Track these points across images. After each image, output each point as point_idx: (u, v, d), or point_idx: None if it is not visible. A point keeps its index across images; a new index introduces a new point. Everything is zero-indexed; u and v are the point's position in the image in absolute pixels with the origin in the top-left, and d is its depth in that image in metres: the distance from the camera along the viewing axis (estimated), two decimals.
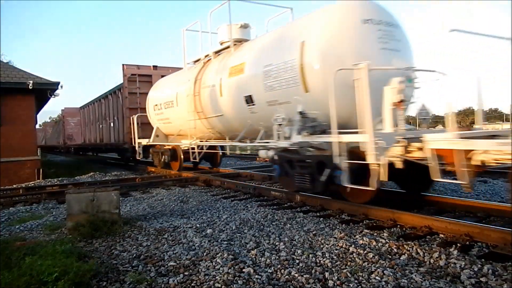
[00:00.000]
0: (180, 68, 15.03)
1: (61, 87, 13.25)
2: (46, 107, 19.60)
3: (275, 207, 6.67)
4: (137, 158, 14.30)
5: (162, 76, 14.41)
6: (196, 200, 7.71)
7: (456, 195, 6.93)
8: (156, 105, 12.75)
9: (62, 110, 32.06)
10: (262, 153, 7.56)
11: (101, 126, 20.09)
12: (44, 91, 13.18)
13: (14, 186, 11.30)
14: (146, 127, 13.97)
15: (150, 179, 11.16)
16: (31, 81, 12.43)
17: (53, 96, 13.52)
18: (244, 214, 6.15)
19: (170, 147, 12.62)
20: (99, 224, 5.27)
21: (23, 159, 12.65)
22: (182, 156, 12.15)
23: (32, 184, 11.53)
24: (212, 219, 5.96)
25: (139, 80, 15.22)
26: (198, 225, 5.55)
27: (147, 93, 14.08)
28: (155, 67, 16.12)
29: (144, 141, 13.52)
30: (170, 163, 12.64)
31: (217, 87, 9.00)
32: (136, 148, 13.89)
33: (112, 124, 17.84)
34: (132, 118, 13.98)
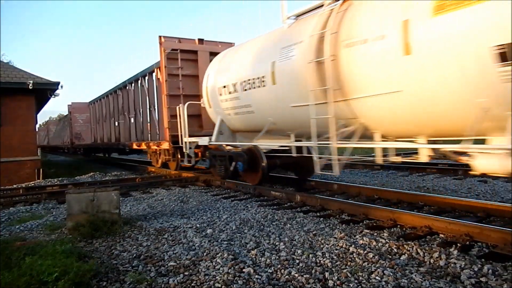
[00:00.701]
0: (232, 44, 12.14)
1: (61, 87, 13.31)
2: (46, 107, 19.64)
3: (275, 207, 6.67)
4: (187, 164, 10.79)
5: (212, 54, 11.21)
6: (196, 200, 7.71)
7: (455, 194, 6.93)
8: (224, 87, 8.70)
9: (68, 105, 27.84)
10: (490, 165, 4.22)
11: (117, 123, 17.59)
12: (44, 91, 13.22)
13: (14, 186, 11.31)
14: (190, 121, 10.69)
15: (150, 179, 11.16)
16: (31, 81, 12.46)
17: (53, 96, 13.56)
18: (244, 214, 6.15)
19: (242, 149, 8.73)
20: (99, 224, 5.27)
21: (23, 159, 12.68)
22: (264, 163, 8.14)
23: (32, 184, 11.54)
24: (212, 219, 5.96)
25: (181, 58, 11.83)
26: (198, 225, 5.55)
27: (192, 76, 11.31)
28: (200, 40, 12.47)
29: (204, 140, 9.63)
30: (245, 173, 8.56)
31: (393, 39, 4.89)
32: (185, 149, 10.33)
33: (132, 120, 15.38)
34: (179, 108, 10.49)
